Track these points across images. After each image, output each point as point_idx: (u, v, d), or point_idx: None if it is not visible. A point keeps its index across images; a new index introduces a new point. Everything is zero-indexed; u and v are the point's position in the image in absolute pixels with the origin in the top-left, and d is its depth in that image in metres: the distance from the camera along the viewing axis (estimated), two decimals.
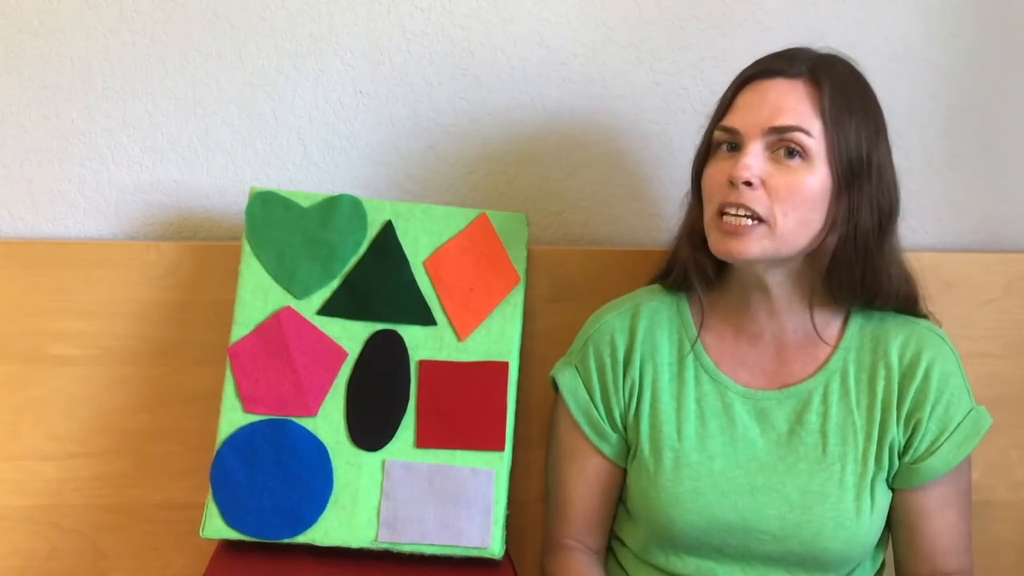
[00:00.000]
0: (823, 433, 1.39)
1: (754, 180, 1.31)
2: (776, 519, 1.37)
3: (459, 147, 1.67)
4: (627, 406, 1.44)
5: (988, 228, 1.79)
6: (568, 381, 1.46)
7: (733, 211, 1.32)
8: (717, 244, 1.34)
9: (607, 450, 1.45)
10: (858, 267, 1.36)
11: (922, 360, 1.39)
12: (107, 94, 1.61)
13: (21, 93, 1.60)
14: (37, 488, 1.57)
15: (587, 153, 1.69)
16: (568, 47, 1.67)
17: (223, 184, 1.64)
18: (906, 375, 1.40)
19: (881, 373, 1.40)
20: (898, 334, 1.41)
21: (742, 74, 1.39)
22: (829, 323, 1.42)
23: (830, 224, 1.34)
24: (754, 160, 1.32)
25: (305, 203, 1.52)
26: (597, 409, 1.45)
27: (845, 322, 1.43)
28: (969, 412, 1.41)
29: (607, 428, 1.45)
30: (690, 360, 1.43)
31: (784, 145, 1.32)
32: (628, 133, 1.69)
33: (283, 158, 1.65)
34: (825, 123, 1.33)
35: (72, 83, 1.60)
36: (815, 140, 1.33)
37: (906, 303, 1.42)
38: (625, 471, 1.46)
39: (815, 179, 1.33)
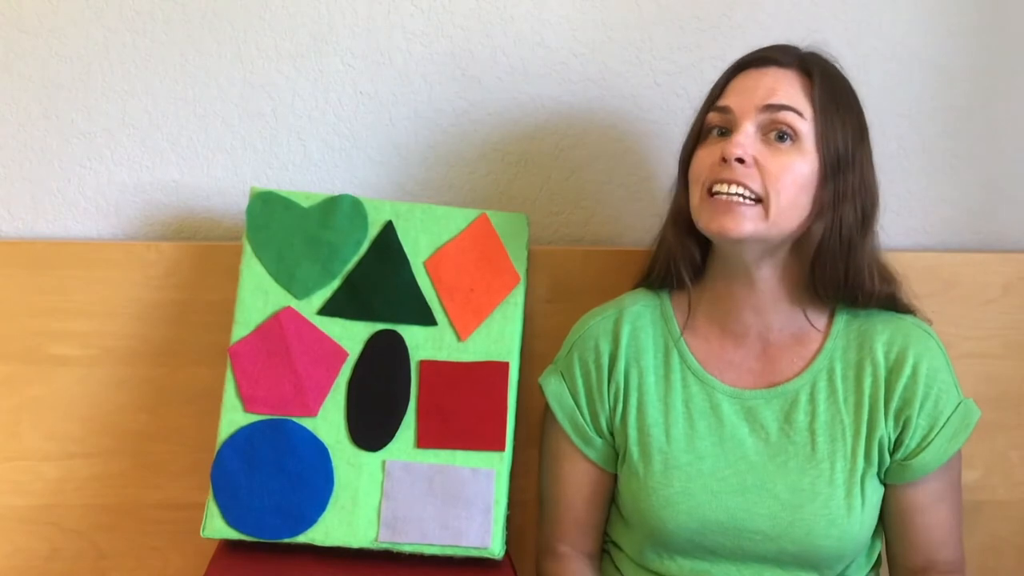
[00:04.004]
0: (812, 431, 1.39)
1: (747, 157, 1.32)
2: (767, 518, 1.37)
3: (459, 147, 1.67)
4: (613, 411, 1.44)
5: (988, 228, 1.78)
6: (553, 388, 1.47)
7: (725, 188, 1.32)
8: (709, 222, 1.34)
9: (593, 455, 1.46)
10: (841, 262, 1.37)
11: (908, 357, 1.40)
12: (107, 94, 1.61)
13: (21, 93, 1.60)
14: (37, 488, 1.57)
15: (587, 153, 1.69)
16: (568, 47, 1.67)
17: (223, 184, 1.64)
18: (892, 372, 1.40)
19: (868, 370, 1.40)
20: (884, 330, 1.42)
21: (734, 64, 1.41)
22: (815, 321, 1.43)
23: (816, 211, 1.35)
24: (746, 139, 1.33)
25: (305, 203, 1.52)
26: (583, 415, 1.45)
27: (830, 320, 1.43)
28: (958, 406, 1.41)
29: (592, 434, 1.45)
30: (676, 362, 1.43)
31: (776, 127, 1.34)
32: (628, 133, 1.69)
33: (283, 158, 1.65)
34: (816, 110, 1.35)
35: (72, 83, 1.60)
36: (806, 124, 1.34)
37: (887, 301, 1.43)
38: (614, 476, 1.47)
39: (805, 163, 1.34)
